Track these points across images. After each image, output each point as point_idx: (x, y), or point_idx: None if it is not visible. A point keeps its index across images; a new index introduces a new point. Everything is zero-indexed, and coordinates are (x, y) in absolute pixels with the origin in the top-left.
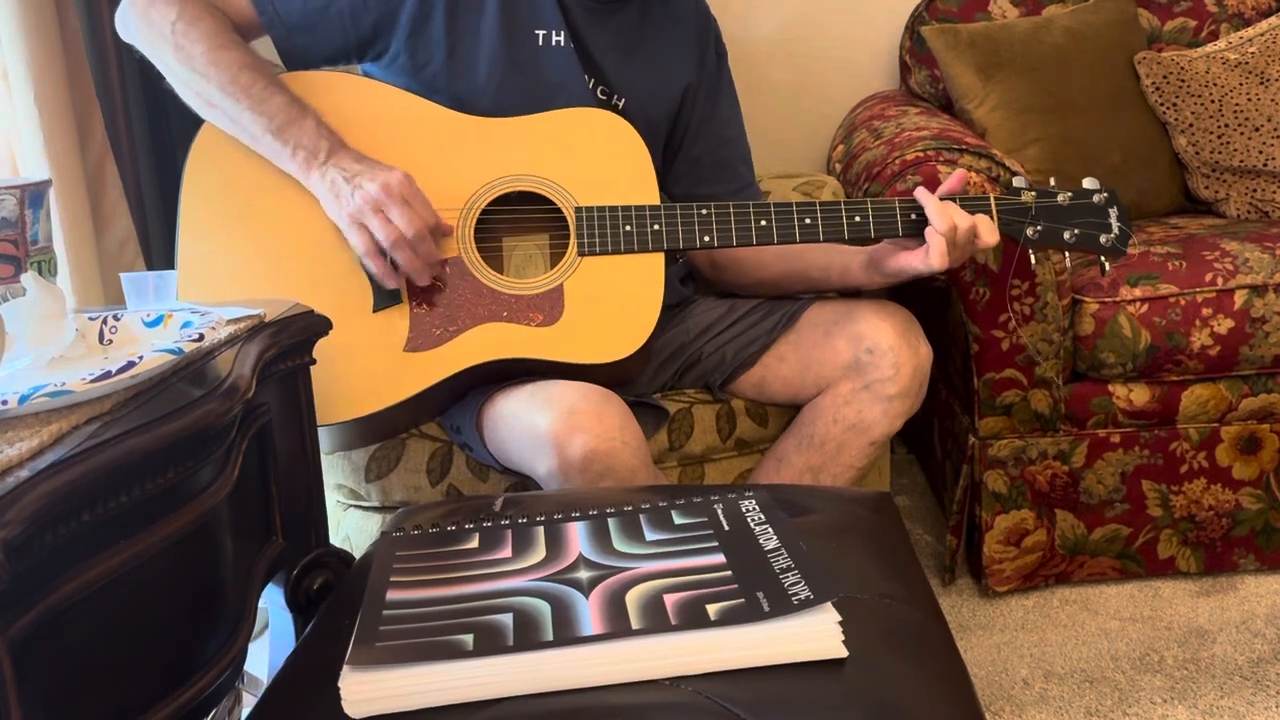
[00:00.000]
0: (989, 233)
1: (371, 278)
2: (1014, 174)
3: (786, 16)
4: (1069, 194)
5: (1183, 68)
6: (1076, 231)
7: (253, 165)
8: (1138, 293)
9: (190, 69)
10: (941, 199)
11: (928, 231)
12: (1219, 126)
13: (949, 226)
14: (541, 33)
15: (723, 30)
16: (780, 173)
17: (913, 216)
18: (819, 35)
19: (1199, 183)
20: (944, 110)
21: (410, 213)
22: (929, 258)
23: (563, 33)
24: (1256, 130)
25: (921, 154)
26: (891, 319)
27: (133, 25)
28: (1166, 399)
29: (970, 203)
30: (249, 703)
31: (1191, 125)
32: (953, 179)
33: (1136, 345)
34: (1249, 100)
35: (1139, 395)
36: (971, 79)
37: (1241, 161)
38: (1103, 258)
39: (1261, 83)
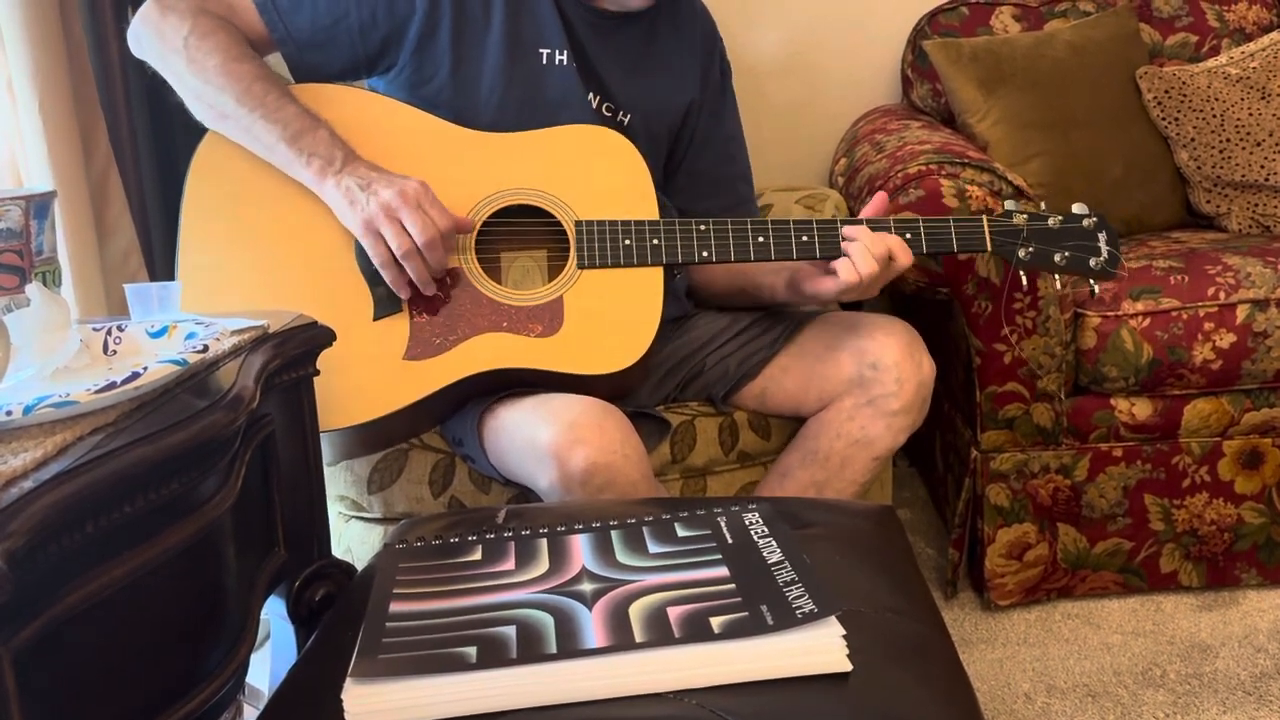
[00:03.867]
0: (903, 253)
1: (373, 288)
2: (1017, 189)
3: (790, 31)
4: (1059, 218)
5: (1184, 82)
6: (1067, 254)
7: (254, 176)
8: (1140, 307)
9: (204, 81)
10: (866, 219)
11: (837, 262)
12: (1220, 141)
13: (870, 272)
14: (545, 51)
15: (726, 44)
16: (783, 186)
17: (907, 236)
18: (821, 49)
19: (1200, 197)
20: (946, 124)
21: (425, 219)
22: (836, 284)
23: (565, 51)
24: (1258, 145)
25: (924, 167)
26: (895, 334)
27: (145, 40)
28: (1168, 413)
29: (963, 223)
30: (250, 715)
31: (1193, 140)
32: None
33: (1138, 359)
34: (1250, 115)
35: (1141, 409)
36: (973, 93)
37: (1243, 176)
38: (1091, 280)
39: (1263, 98)
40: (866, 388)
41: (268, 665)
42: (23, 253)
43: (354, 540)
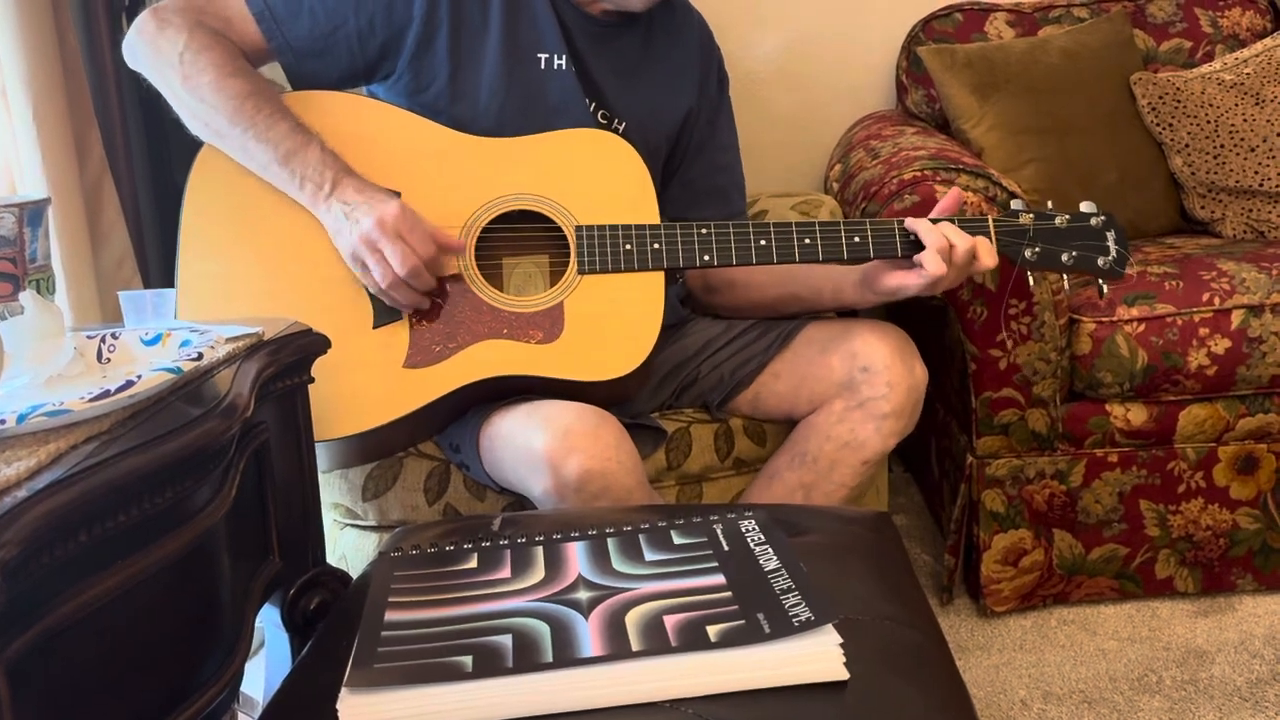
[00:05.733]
0: (988, 255)
1: (373, 296)
2: (1012, 195)
3: (785, 37)
4: (1067, 217)
5: (1178, 88)
6: (1074, 254)
7: (254, 184)
8: (1135, 312)
9: (198, 99)
10: (937, 220)
11: (921, 255)
12: (1215, 147)
13: (943, 245)
14: (544, 56)
15: (723, 51)
16: (778, 191)
17: (911, 237)
18: (816, 56)
19: (1195, 203)
20: (941, 130)
21: (404, 249)
22: (923, 277)
23: (564, 56)
24: (1252, 150)
25: (918, 173)
26: (887, 338)
27: (141, 55)
28: (1164, 419)
29: (968, 224)
30: None
31: (1187, 145)
32: (948, 198)
33: (1134, 365)
34: (1244, 121)
35: (1136, 415)
36: (968, 99)
37: (1237, 181)
38: (1100, 280)
39: (1257, 103)
40: (857, 391)
41: (262, 674)
42: (16, 260)
43: (349, 548)
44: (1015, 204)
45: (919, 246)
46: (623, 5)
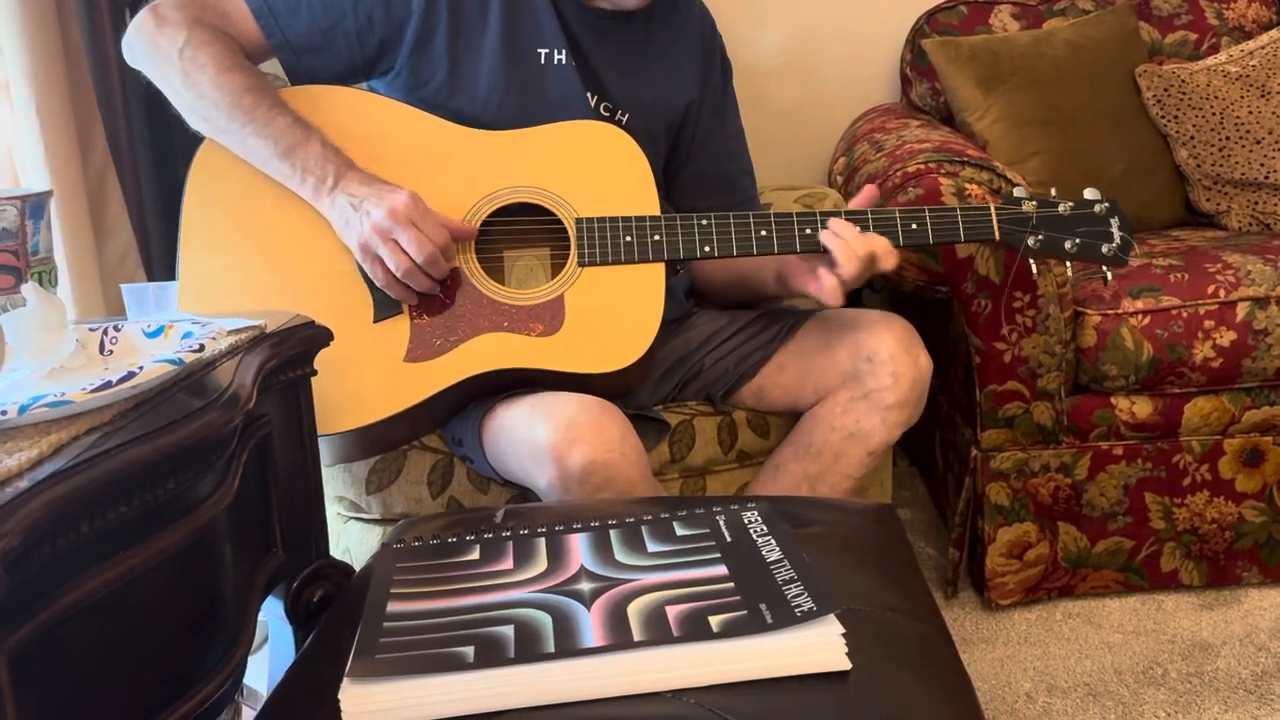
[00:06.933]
0: (887, 255)
1: (373, 290)
2: (1014, 185)
3: (790, 30)
4: (1070, 204)
5: (1184, 80)
6: (1078, 241)
7: (255, 178)
8: (1140, 305)
9: (198, 95)
10: (849, 212)
11: (823, 272)
12: (1220, 139)
13: (853, 274)
14: (543, 51)
15: (726, 43)
16: (782, 185)
17: (913, 226)
18: (821, 49)
19: (1200, 195)
20: (945, 123)
21: (419, 236)
22: (822, 296)
23: (564, 51)
24: (1258, 143)
25: (923, 166)
26: (892, 329)
27: (140, 52)
28: (1169, 411)
29: (970, 212)
30: (248, 716)
31: (1193, 138)
32: (864, 193)
33: (1139, 357)
34: (1250, 113)
35: (1141, 408)
36: (972, 92)
37: (1243, 174)
38: (1105, 267)
39: (1262, 95)
40: (862, 381)
41: (266, 666)
42: (18, 253)
43: (352, 541)
44: (1018, 191)
45: (922, 233)
46: (619, 4)
